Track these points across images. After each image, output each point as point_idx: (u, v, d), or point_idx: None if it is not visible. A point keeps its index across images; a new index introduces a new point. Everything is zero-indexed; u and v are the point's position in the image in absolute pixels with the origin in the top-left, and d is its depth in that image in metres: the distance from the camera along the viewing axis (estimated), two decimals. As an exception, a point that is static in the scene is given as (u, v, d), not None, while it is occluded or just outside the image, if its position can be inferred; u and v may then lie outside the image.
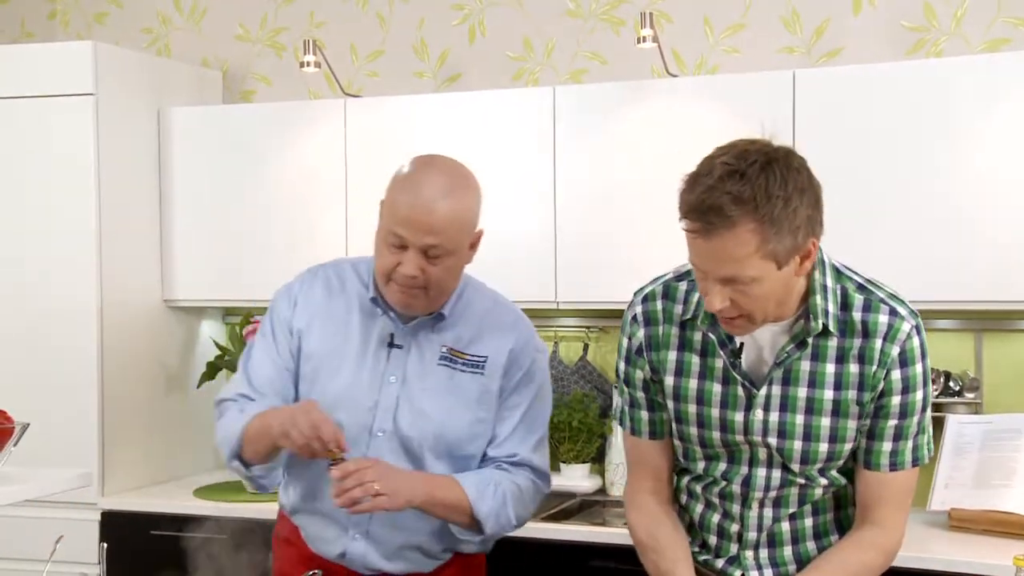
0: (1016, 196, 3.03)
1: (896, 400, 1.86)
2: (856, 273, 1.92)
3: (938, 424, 3.36)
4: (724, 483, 1.96)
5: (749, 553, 1.97)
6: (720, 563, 1.99)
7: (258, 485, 2.24)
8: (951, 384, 3.36)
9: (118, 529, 3.53)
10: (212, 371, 3.88)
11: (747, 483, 1.94)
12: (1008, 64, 3.07)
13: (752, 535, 1.96)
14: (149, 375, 3.89)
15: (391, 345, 2.20)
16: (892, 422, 1.87)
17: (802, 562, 1.96)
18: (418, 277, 2.08)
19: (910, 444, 1.89)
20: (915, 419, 1.88)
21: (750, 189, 1.68)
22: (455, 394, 2.20)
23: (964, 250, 3.07)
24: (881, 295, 1.88)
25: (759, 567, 1.97)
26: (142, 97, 3.84)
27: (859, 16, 3.51)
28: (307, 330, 2.23)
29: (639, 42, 3.42)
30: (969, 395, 3.34)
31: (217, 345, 3.93)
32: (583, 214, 3.44)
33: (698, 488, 2.01)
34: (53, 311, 3.70)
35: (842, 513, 1.99)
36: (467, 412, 2.21)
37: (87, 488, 2.89)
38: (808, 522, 1.96)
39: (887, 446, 1.88)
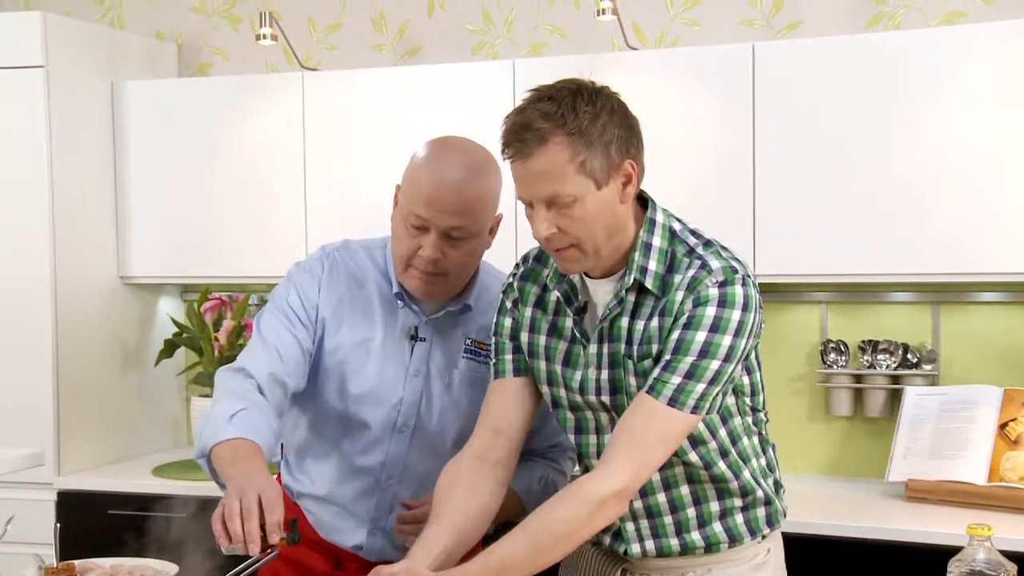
0: (973, 169, 3.04)
1: (675, 335, 1.80)
2: (699, 237, 1.90)
3: (896, 396, 3.40)
4: (584, 457, 1.97)
5: (630, 525, 1.95)
6: (607, 539, 1.98)
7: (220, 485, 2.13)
8: (909, 356, 3.39)
9: (75, 509, 3.52)
10: (170, 349, 3.86)
11: (598, 453, 1.94)
12: (965, 37, 3.08)
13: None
14: (105, 353, 3.86)
15: (414, 338, 2.15)
16: (667, 356, 1.80)
17: (681, 530, 1.94)
18: (439, 261, 2.04)
19: (674, 379, 1.78)
20: (689, 359, 1.78)
21: (558, 106, 1.75)
22: (480, 388, 2.14)
23: (921, 223, 3.08)
24: (703, 253, 1.85)
25: (640, 539, 1.95)
26: (95, 70, 3.79)
27: (818, -11, 3.53)
28: (332, 321, 2.15)
29: (599, 15, 3.40)
30: (926, 367, 3.37)
31: (175, 322, 3.90)
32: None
33: (585, 463, 2.01)
34: (6, 288, 3.66)
35: (721, 486, 1.94)
36: None
37: (42, 468, 2.88)
38: (684, 490, 1.93)
39: (656, 371, 1.80)
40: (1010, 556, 1.76)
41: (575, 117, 1.75)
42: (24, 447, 2.45)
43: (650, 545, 1.95)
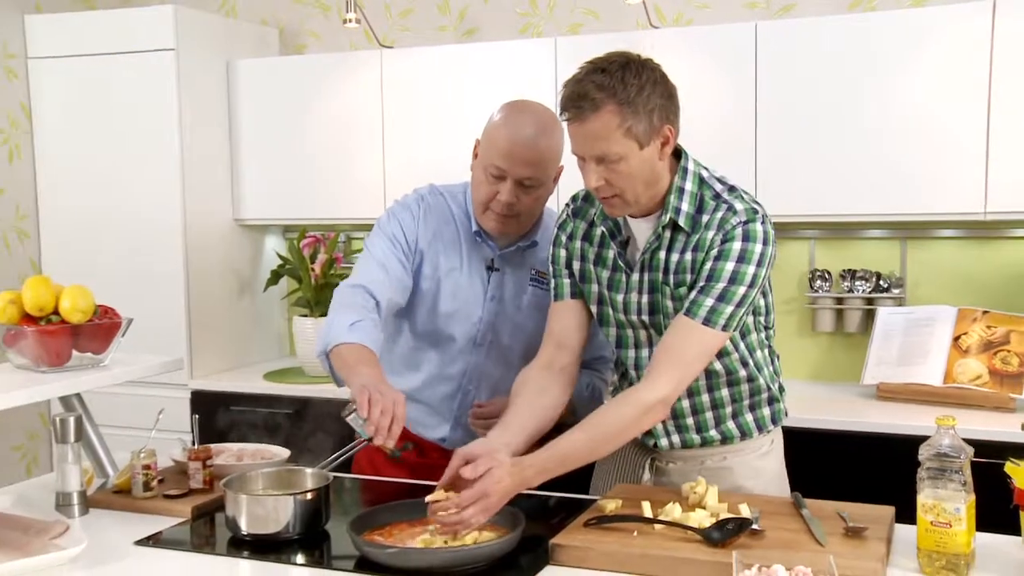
0: (935, 127, 3.01)
1: (708, 265, 1.79)
2: (723, 183, 1.87)
3: (869, 315, 3.41)
4: (623, 367, 1.97)
5: (659, 425, 1.96)
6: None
7: (336, 381, 2.05)
8: (881, 282, 3.39)
9: (204, 405, 3.59)
10: (275, 277, 3.90)
11: (636, 364, 1.95)
12: (931, 16, 3.03)
13: None
14: (224, 280, 3.93)
15: (490, 269, 2.15)
16: (701, 283, 1.79)
17: (701, 428, 1.96)
18: (514, 204, 2.03)
19: (708, 302, 1.77)
20: (720, 285, 1.78)
21: (609, 79, 1.71)
22: (543, 310, 2.13)
23: (893, 172, 3.06)
24: (728, 198, 1.83)
25: (667, 434, 1.97)
26: (214, 51, 3.81)
27: (810, -24, 3.47)
28: (428, 251, 2.14)
29: (627, -1, 3.38)
30: (895, 291, 3.37)
31: (279, 256, 3.95)
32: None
33: (623, 370, 2.02)
34: (148, 229, 3.73)
35: (735, 390, 1.95)
36: None
37: (179, 372, 2.95)
38: (705, 398, 1.95)
39: (692, 295, 1.79)
40: (964, 442, 1.79)
41: (624, 88, 1.71)
42: (166, 355, 2.52)
43: (676, 439, 1.98)
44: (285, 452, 2.22)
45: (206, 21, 3.81)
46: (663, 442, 1.98)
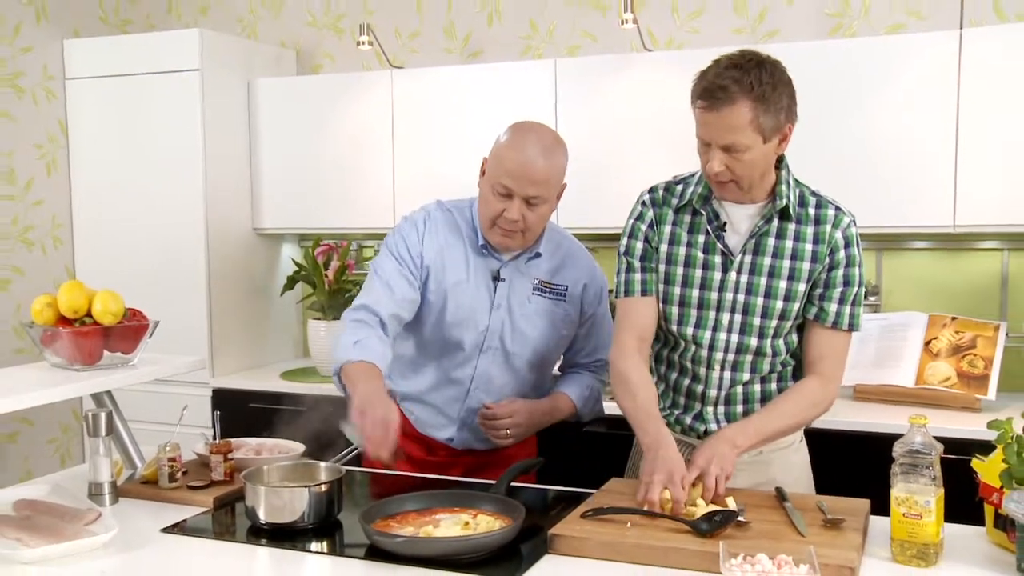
0: (909, 147, 3.02)
1: (842, 271, 1.89)
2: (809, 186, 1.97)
3: (847, 320, 3.41)
4: (694, 347, 1.95)
5: (710, 409, 1.97)
6: (688, 418, 2.00)
7: (347, 395, 2.07)
8: (857, 290, 3.40)
9: (225, 402, 3.60)
10: (291, 283, 3.89)
11: (712, 346, 1.93)
12: (903, 44, 3.04)
13: (713, 393, 1.96)
14: (244, 285, 3.93)
15: (496, 279, 2.13)
16: (839, 289, 1.89)
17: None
18: (519, 221, 2.02)
19: (848, 310, 1.90)
20: (854, 289, 1.90)
21: (747, 76, 1.74)
22: (546, 318, 2.15)
23: (870, 187, 3.07)
24: (829, 198, 1.94)
25: (717, 421, 1.97)
26: (235, 72, 3.83)
27: (792, 5, 3.47)
28: (434, 265, 2.11)
29: (622, 23, 3.39)
30: (871, 298, 3.38)
31: (295, 263, 3.93)
32: (578, 160, 3.41)
33: (675, 356, 2.00)
34: (173, 237, 3.74)
35: (783, 384, 1.98)
36: (555, 332, 2.18)
37: (202, 371, 2.96)
38: (756, 388, 1.97)
39: (834, 307, 1.89)
40: (934, 440, 1.80)
41: (759, 85, 1.74)
42: (189, 355, 2.52)
43: (724, 424, 1.97)
44: (300, 447, 2.22)
45: (229, 43, 3.82)
46: (712, 427, 1.98)
